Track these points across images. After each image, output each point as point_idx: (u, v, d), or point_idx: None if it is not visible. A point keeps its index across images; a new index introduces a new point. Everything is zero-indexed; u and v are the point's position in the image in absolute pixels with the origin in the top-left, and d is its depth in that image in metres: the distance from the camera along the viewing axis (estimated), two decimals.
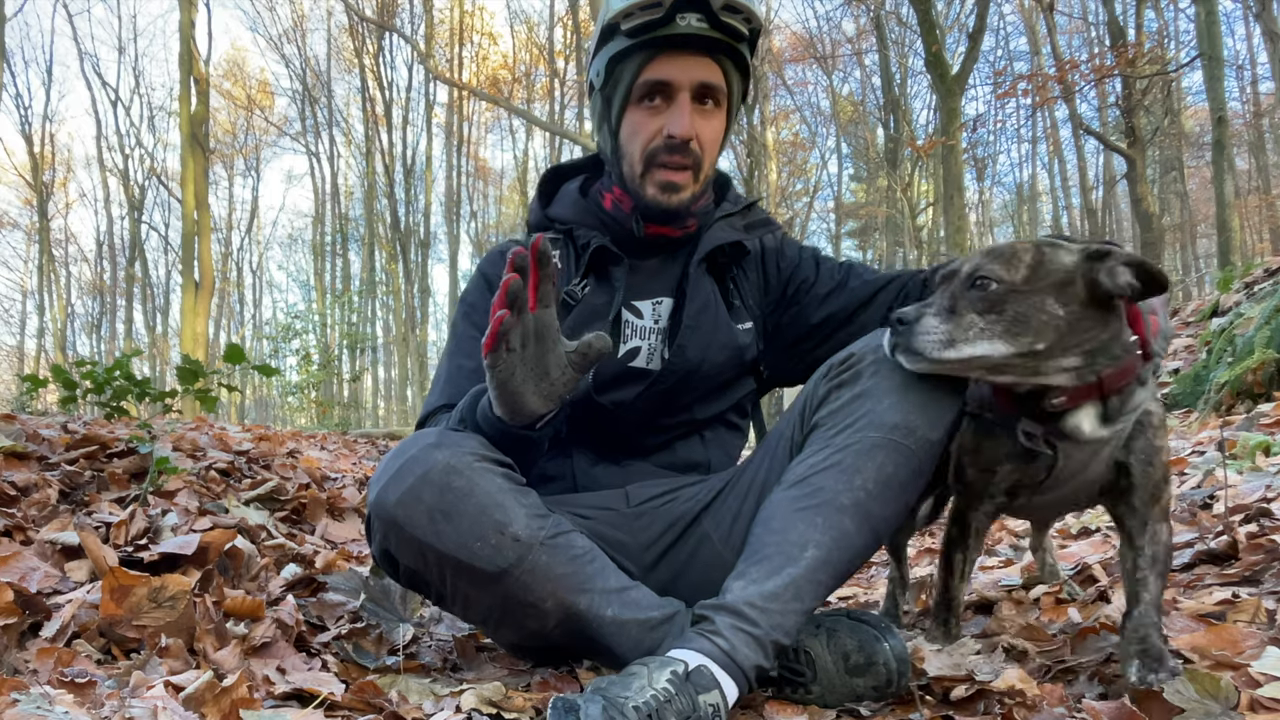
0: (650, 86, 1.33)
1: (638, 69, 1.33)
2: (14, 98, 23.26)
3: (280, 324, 18.02)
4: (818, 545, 1.09)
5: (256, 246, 30.19)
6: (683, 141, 1.32)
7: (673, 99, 1.32)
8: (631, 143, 1.36)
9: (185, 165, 13.90)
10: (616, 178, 1.42)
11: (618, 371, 1.39)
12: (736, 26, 1.29)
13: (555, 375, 1.13)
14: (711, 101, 1.35)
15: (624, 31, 1.30)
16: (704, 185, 1.40)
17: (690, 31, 1.28)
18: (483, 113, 26.15)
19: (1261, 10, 9.37)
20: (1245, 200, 18.15)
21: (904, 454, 1.11)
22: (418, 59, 22.18)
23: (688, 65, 1.31)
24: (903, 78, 19.16)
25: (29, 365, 26.26)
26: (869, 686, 1.12)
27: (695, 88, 1.32)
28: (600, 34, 1.37)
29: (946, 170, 11.01)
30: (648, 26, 1.28)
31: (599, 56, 1.38)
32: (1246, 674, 0.99)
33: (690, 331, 1.37)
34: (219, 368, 2.56)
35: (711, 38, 1.29)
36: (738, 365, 1.43)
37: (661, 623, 1.13)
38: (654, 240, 1.43)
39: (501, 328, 1.05)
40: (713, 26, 1.28)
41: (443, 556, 1.11)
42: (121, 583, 1.24)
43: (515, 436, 1.19)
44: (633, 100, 1.35)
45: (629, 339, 1.41)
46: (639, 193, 1.37)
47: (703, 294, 1.40)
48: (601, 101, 1.40)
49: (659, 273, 1.44)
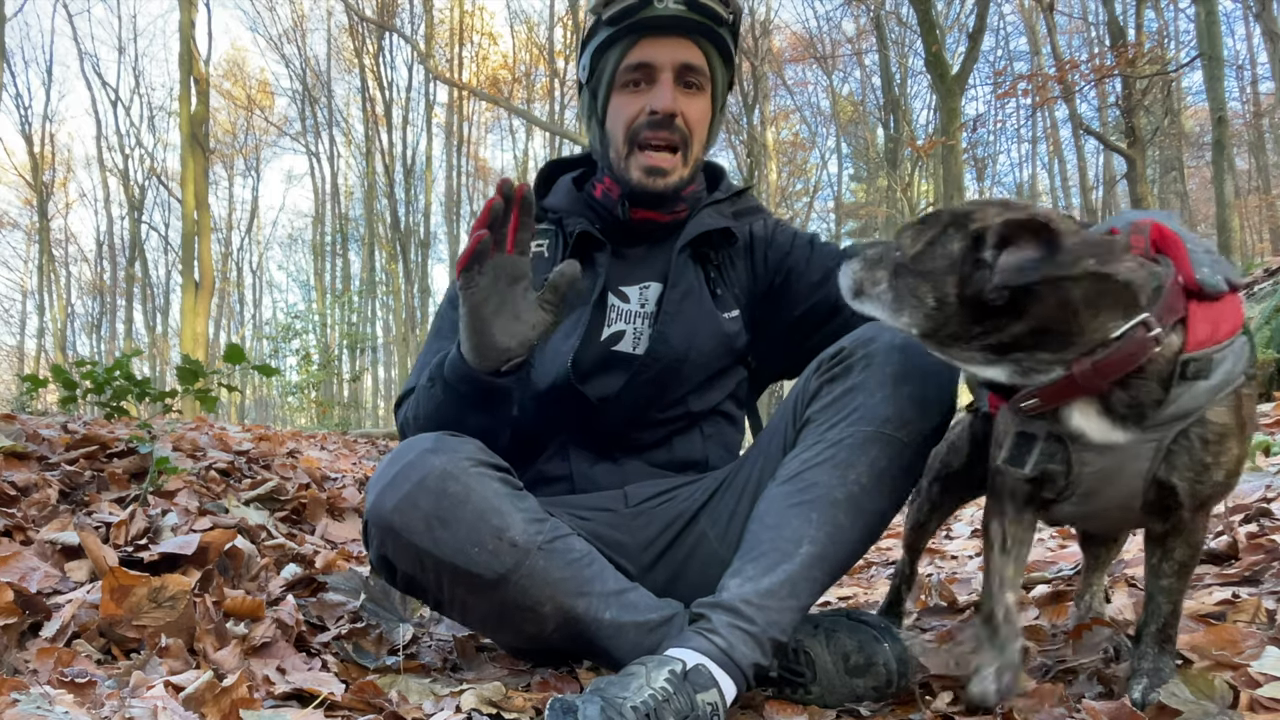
0: (633, 70, 1.34)
1: (620, 55, 1.35)
2: (14, 98, 23.29)
3: (280, 324, 18.04)
4: (812, 541, 1.09)
5: (256, 246, 30.21)
6: (666, 116, 1.33)
7: (655, 79, 1.34)
8: (616, 125, 1.38)
9: (185, 165, 13.90)
10: (605, 167, 1.43)
11: (601, 355, 1.38)
12: (715, 8, 1.31)
13: (526, 317, 1.16)
14: (695, 84, 1.36)
15: (605, 21, 1.33)
16: (693, 169, 1.40)
17: (669, 13, 1.30)
18: (483, 113, 26.16)
19: (1261, 10, 9.37)
20: (1245, 200, 18.16)
21: (896, 447, 1.11)
22: (418, 59, 22.19)
23: (669, 46, 1.33)
24: (903, 78, 19.16)
25: (29, 365, 26.26)
26: (869, 687, 1.12)
27: (677, 68, 1.34)
28: (586, 33, 1.40)
29: (946, 170, 11.01)
30: (627, 12, 1.30)
31: (585, 52, 1.40)
32: (1246, 674, 0.99)
33: (671, 317, 1.36)
34: (219, 368, 2.56)
35: (691, 19, 1.31)
36: (727, 354, 1.42)
37: (660, 625, 1.13)
38: (642, 225, 1.43)
39: (479, 246, 1.09)
40: (691, 9, 1.30)
41: (440, 563, 1.11)
42: (121, 583, 1.24)
43: (483, 385, 1.19)
44: (616, 86, 1.37)
45: (613, 322, 1.40)
46: (624, 177, 1.38)
47: (686, 280, 1.40)
48: (589, 95, 1.42)
49: (647, 258, 1.44)
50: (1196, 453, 0.91)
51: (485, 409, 1.23)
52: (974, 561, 2.24)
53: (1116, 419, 0.91)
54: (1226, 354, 0.88)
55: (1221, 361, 0.88)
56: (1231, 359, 0.89)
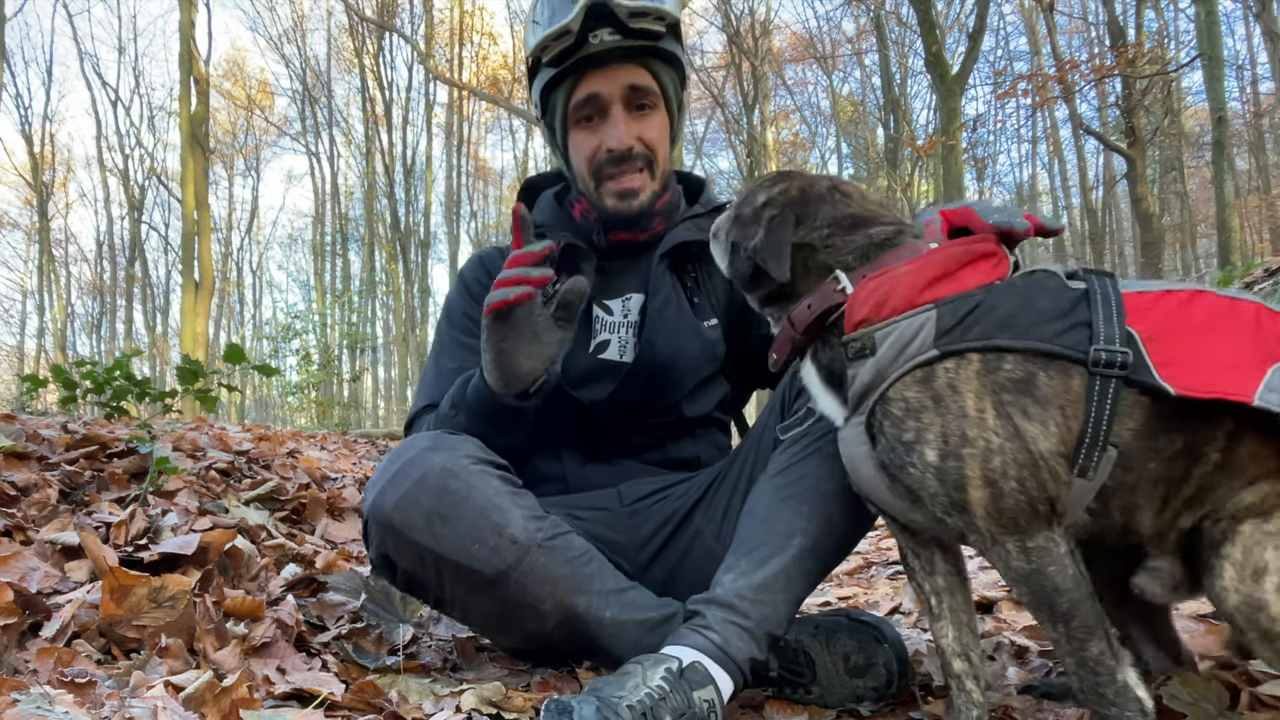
0: (582, 105, 1.35)
1: (567, 94, 1.35)
2: (14, 98, 23.26)
3: (280, 324, 18.01)
4: (804, 533, 1.09)
5: (256, 246, 30.19)
6: (623, 152, 1.34)
7: (607, 112, 1.34)
8: (579, 162, 1.39)
9: (185, 165, 13.89)
10: (577, 194, 1.44)
11: (590, 366, 1.40)
12: (649, 28, 1.29)
13: (545, 337, 1.18)
14: (646, 103, 1.36)
15: (545, 63, 1.33)
16: (664, 182, 1.41)
17: (605, 47, 1.29)
18: (483, 113, 26.15)
19: (1261, 10, 9.37)
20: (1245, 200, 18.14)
21: None
22: (418, 59, 22.19)
23: (613, 76, 1.33)
24: (903, 78, 19.15)
25: (29, 365, 26.25)
26: (869, 687, 1.12)
27: (625, 94, 1.33)
28: (528, 71, 1.40)
29: (946, 170, 11.00)
30: (565, 54, 1.30)
31: (532, 90, 1.41)
32: (1246, 673, 1.00)
33: (655, 326, 1.38)
34: (219, 368, 2.56)
35: (629, 46, 1.30)
36: (711, 360, 1.43)
37: (660, 623, 1.14)
38: (619, 246, 1.44)
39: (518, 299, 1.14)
40: (626, 36, 1.29)
41: (441, 560, 1.11)
42: (121, 583, 1.24)
43: (508, 409, 1.22)
44: (571, 123, 1.38)
45: (598, 333, 1.42)
46: (600, 205, 1.40)
47: (665, 289, 1.41)
48: (547, 131, 1.44)
49: (627, 271, 1.45)
50: (886, 431, 0.91)
51: (512, 430, 1.26)
52: (973, 562, 2.24)
53: (834, 392, 0.97)
54: (893, 329, 0.90)
55: (886, 338, 0.90)
56: (900, 333, 0.89)
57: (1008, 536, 0.87)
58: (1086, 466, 0.86)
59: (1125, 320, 0.86)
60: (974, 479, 0.86)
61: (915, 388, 0.89)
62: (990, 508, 0.86)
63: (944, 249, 0.94)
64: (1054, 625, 0.87)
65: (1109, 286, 0.89)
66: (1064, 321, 0.87)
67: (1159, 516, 0.89)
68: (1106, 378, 0.84)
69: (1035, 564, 0.86)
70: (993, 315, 0.88)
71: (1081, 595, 0.86)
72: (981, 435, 0.85)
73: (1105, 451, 0.86)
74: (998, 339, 0.87)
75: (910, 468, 0.89)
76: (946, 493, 0.87)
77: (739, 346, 1.46)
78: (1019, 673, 1.12)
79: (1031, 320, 0.87)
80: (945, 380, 0.87)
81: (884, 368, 0.90)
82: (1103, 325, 0.85)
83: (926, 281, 0.91)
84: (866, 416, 0.93)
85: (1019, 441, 0.85)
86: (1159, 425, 0.86)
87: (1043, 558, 0.86)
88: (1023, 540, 0.86)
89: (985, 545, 0.89)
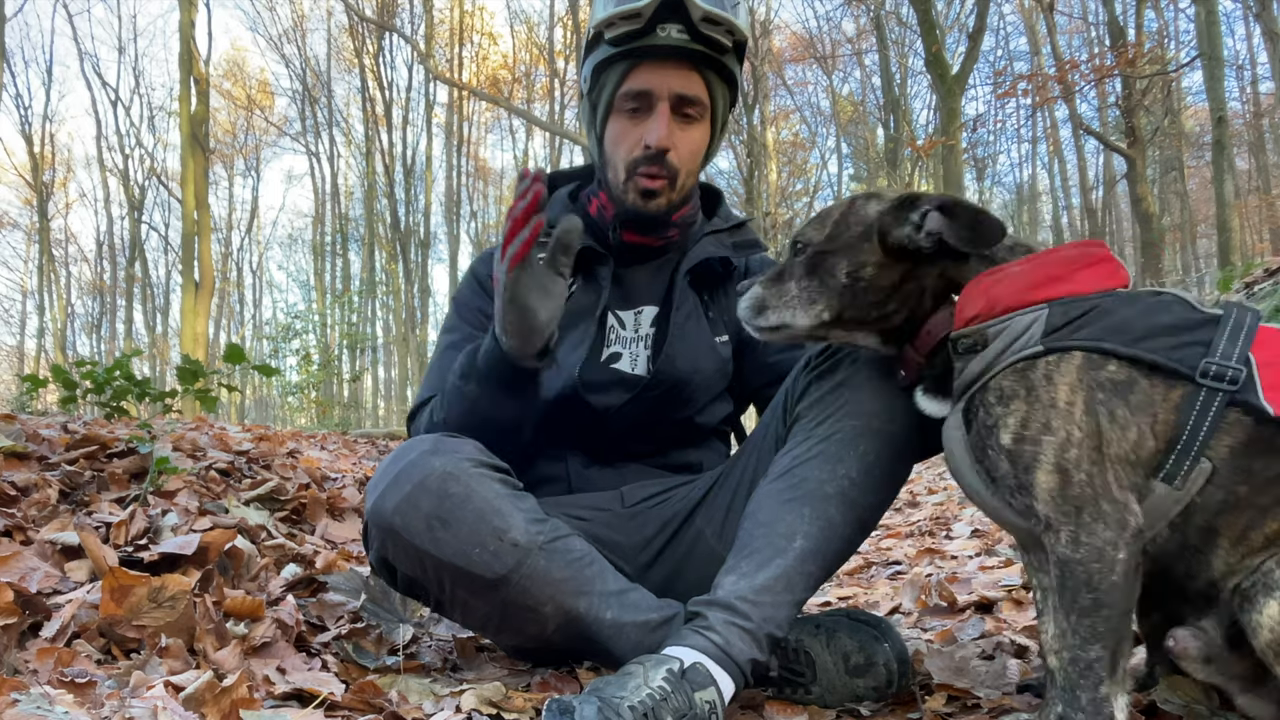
0: (631, 96, 1.34)
1: (620, 78, 1.34)
2: (14, 98, 23.26)
3: (280, 324, 18.02)
4: (805, 536, 1.09)
5: (256, 246, 30.22)
6: (659, 151, 1.33)
7: (652, 108, 1.33)
8: (615, 151, 1.38)
9: (185, 165, 13.89)
10: (602, 182, 1.44)
11: (603, 372, 1.40)
12: (718, 39, 1.29)
13: (551, 289, 1.18)
14: (693, 115, 1.35)
15: (607, 40, 1.32)
16: (682, 195, 1.41)
17: (670, 43, 1.28)
18: (483, 113, 26.16)
19: (1261, 10, 9.38)
20: (1245, 200, 18.17)
21: (885, 439, 1.11)
22: (418, 59, 22.18)
23: (667, 75, 1.32)
24: (903, 78, 19.16)
25: (29, 365, 26.26)
26: (869, 687, 1.12)
27: (674, 98, 1.33)
28: (587, 41, 1.38)
29: (946, 170, 11.01)
30: (629, 36, 1.29)
31: (586, 63, 1.40)
32: None
33: (678, 341, 1.38)
34: (219, 368, 2.56)
35: (693, 49, 1.29)
36: (724, 377, 1.44)
37: (661, 624, 1.13)
38: (634, 248, 1.44)
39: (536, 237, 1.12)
40: (693, 38, 1.28)
41: (441, 563, 1.11)
42: (121, 583, 1.24)
43: (524, 371, 1.22)
44: (615, 109, 1.36)
45: (611, 343, 1.42)
46: (622, 198, 1.39)
47: (687, 305, 1.41)
48: (589, 107, 1.42)
49: (640, 283, 1.46)
50: (981, 416, 0.94)
51: (522, 395, 1.25)
52: (974, 562, 2.25)
53: (938, 395, 1.00)
54: (1005, 325, 0.93)
55: (999, 334, 0.93)
56: (1011, 329, 0.92)
57: (1064, 524, 0.88)
58: (1175, 473, 0.87)
59: (1251, 346, 0.87)
60: (1046, 464, 0.88)
61: (1012, 377, 0.91)
62: (1056, 494, 0.88)
63: (1057, 251, 0.97)
64: (1068, 615, 0.88)
65: (1248, 318, 0.90)
66: (1180, 338, 0.89)
67: (1233, 549, 0.89)
68: (1213, 390, 0.85)
69: (1080, 555, 0.87)
70: (1106, 320, 0.90)
71: (1112, 602, 0.86)
72: (1065, 426, 0.88)
73: (1198, 463, 0.86)
74: (1105, 342, 0.89)
75: (990, 449, 0.92)
76: (1016, 474, 0.90)
77: (738, 363, 1.47)
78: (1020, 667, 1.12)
79: (1146, 331, 0.89)
80: (1043, 372, 0.90)
81: (991, 361, 0.93)
82: (1224, 343, 0.87)
83: (1039, 281, 0.93)
84: (966, 403, 0.95)
85: (1095, 440, 0.87)
86: (1257, 448, 0.85)
87: (1090, 553, 0.86)
88: (1077, 531, 0.87)
89: (1040, 528, 0.90)
